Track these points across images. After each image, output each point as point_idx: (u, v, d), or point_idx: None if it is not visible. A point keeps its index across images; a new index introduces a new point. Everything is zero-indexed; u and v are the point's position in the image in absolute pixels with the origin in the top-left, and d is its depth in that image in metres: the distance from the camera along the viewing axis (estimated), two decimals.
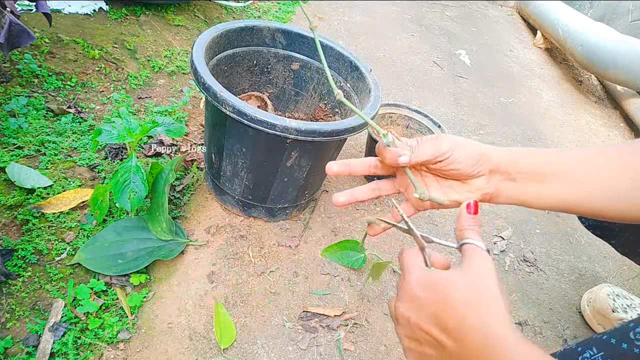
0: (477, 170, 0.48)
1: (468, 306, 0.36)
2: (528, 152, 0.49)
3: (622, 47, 1.85)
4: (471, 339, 0.35)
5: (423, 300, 0.38)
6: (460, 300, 0.37)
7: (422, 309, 0.38)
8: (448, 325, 0.37)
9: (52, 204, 0.86)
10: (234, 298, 0.85)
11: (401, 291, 0.41)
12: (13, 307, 0.72)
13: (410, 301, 0.39)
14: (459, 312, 0.36)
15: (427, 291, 0.39)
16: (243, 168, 0.88)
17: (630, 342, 0.52)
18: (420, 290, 0.39)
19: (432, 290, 0.38)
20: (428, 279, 0.39)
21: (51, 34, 1.22)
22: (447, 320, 0.37)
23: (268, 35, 1.01)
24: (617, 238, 0.81)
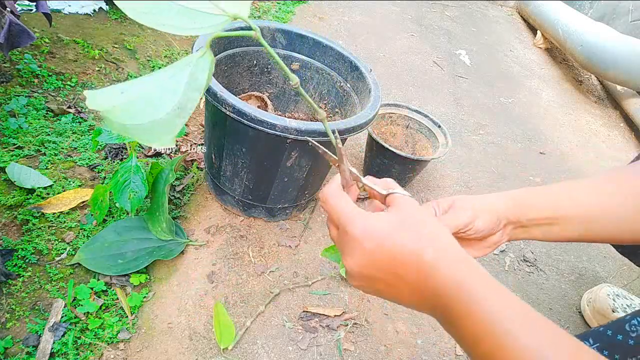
0: (494, 232, 0.50)
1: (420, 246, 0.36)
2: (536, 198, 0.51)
3: (622, 47, 1.85)
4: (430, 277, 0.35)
5: (372, 252, 0.37)
6: (411, 241, 0.36)
7: (373, 261, 0.37)
8: (404, 269, 0.36)
9: (52, 204, 0.86)
10: (234, 298, 0.85)
11: (346, 246, 0.39)
12: (13, 307, 0.72)
13: (359, 255, 0.38)
14: (412, 253, 0.36)
15: (374, 242, 0.37)
16: (243, 168, 0.88)
17: (625, 333, 0.53)
18: (367, 242, 0.37)
19: (379, 239, 0.37)
20: (372, 228, 0.37)
21: (51, 34, 1.22)
22: (402, 263, 0.36)
23: (268, 35, 1.01)
24: None
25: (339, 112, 1.06)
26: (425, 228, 0.37)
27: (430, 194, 1.26)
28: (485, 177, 1.41)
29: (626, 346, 0.52)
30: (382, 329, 0.88)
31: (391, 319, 0.90)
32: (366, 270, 0.38)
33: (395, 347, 0.86)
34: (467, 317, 0.33)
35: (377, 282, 0.38)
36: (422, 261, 0.35)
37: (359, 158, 1.30)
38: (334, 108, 1.08)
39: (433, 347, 0.88)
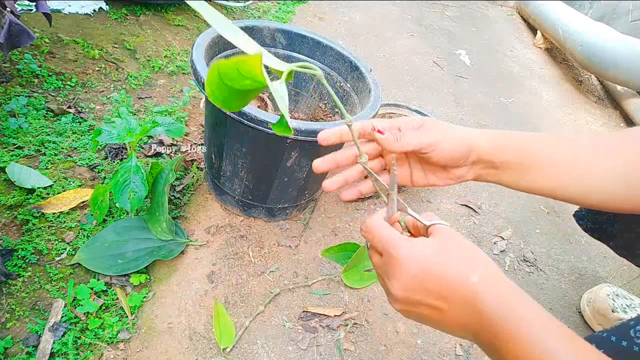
0: (460, 162, 0.48)
1: (466, 270, 0.36)
2: (514, 140, 0.49)
3: (622, 47, 1.85)
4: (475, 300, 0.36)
5: (418, 275, 0.37)
6: (457, 265, 0.37)
7: (419, 284, 0.38)
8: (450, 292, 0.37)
9: (52, 204, 0.86)
10: (234, 298, 0.85)
11: (391, 269, 0.39)
12: (13, 307, 0.72)
13: (404, 278, 0.38)
14: (459, 277, 0.36)
15: (420, 265, 0.38)
16: (243, 168, 0.88)
17: (630, 339, 0.52)
18: (412, 265, 0.38)
19: (424, 262, 0.38)
20: (417, 251, 0.38)
21: (51, 34, 1.22)
22: (448, 286, 0.37)
23: (268, 35, 1.01)
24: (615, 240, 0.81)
25: (339, 112, 1.07)
26: (468, 253, 0.38)
27: (430, 193, 1.26)
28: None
29: (631, 352, 0.52)
30: (382, 329, 0.88)
31: (391, 319, 0.90)
32: (411, 293, 0.38)
33: (395, 347, 0.86)
34: (513, 340, 0.34)
35: (421, 305, 0.38)
36: (468, 284, 0.36)
37: None
38: (334, 108, 1.08)
39: (433, 347, 0.88)
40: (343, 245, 0.95)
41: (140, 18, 1.47)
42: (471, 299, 0.36)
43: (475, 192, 1.33)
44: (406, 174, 0.52)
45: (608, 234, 0.82)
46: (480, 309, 0.36)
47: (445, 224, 0.42)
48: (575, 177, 0.48)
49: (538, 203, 1.37)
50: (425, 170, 0.51)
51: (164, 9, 1.55)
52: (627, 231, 0.78)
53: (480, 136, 0.48)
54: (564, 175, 0.48)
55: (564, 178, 0.48)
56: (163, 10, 1.55)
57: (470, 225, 1.20)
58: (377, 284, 0.96)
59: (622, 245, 0.81)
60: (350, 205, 1.13)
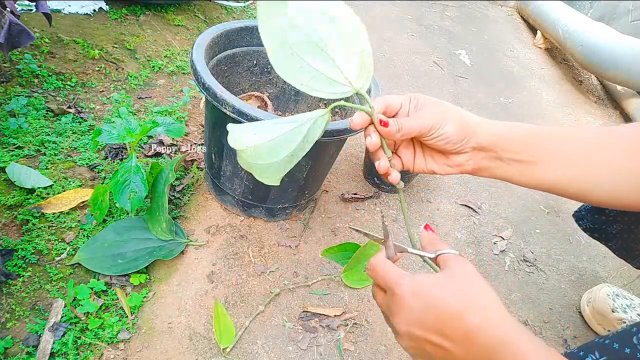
0: (461, 147, 0.48)
1: (466, 308, 0.36)
2: (520, 132, 0.48)
3: (622, 47, 1.85)
4: (476, 340, 0.35)
5: (419, 311, 0.38)
6: (456, 302, 0.37)
7: (420, 320, 0.38)
8: (450, 330, 0.37)
9: (52, 204, 0.86)
10: (234, 298, 0.85)
11: (394, 305, 0.40)
12: (13, 307, 0.72)
13: (407, 314, 0.39)
14: (458, 315, 0.36)
15: (421, 300, 0.38)
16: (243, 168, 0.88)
17: (633, 346, 0.52)
18: (414, 301, 0.38)
19: (426, 298, 0.38)
20: (419, 287, 0.39)
21: (51, 34, 1.22)
22: (449, 326, 0.37)
23: None
24: (614, 240, 0.81)
25: (339, 112, 1.06)
26: (472, 289, 0.37)
27: (430, 193, 1.26)
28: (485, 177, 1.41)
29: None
30: (382, 329, 0.88)
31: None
32: (413, 329, 0.38)
33: (395, 347, 0.86)
34: None
35: (424, 342, 0.38)
36: (467, 321, 0.36)
37: (359, 158, 1.30)
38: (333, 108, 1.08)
39: None
40: (343, 245, 0.95)
41: (140, 18, 1.47)
42: (473, 337, 0.36)
43: (475, 192, 1.33)
44: (410, 157, 0.52)
45: (607, 234, 0.82)
46: (479, 349, 0.35)
47: (452, 251, 0.41)
48: (577, 172, 0.47)
49: (538, 203, 1.37)
50: (425, 154, 0.51)
51: (164, 9, 1.55)
52: (627, 232, 0.78)
53: (482, 123, 0.48)
54: (566, 170, 0.48)
55: (565, 173, 0.48)
56: (163, 10, 1.55)
57: (470, 225, 1.20)
58: None
59: (621, 246, 0.81)
60: (350, 206, 1.13)
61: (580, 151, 0.47)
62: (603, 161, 0.47)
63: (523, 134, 0.48)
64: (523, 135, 0.48)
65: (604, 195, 0.48)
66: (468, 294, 0.37)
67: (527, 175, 0.49)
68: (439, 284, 0.38)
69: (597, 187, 0.48)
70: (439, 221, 1.18)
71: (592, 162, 0.47)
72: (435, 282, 0.38)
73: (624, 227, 0.78)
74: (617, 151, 0.47)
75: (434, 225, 1.16)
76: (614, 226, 0.80)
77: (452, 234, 1.16)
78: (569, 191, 0.49)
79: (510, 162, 0.49)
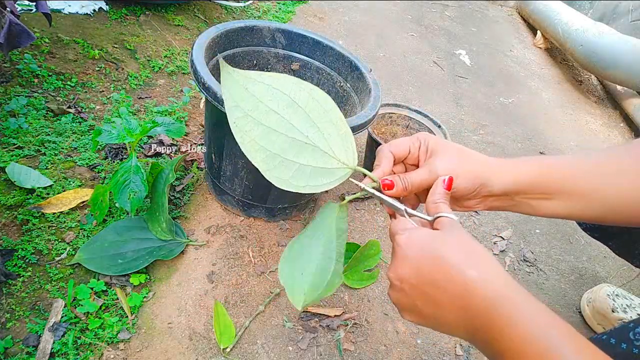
0: (471, 197, 0.47)
1: (465, 261, 0.36)
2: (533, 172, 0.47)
3: (622, 47, 1.85)
4: (474, 294, 0.35)
5: (415, 259, 0.37)
6: (455, 256, 0.36)
7: (417, 269, 0.37)
8: (446, 282, 0.36)
9: (52, 204, 0.86)
10: (234, 298, 0.85)
11: (393, 255, 0.40)
12: (13, 307, 0.72)
13: (404, 262, 0.38)
14: (457, 268, 0.35)
15: (421, 251, 0.38)
16: (243, 168, 0.88)
17: (629, 342, 0.52)
18: (413, 250, 0.38)
19: (423, 248, 0.37)
20: (417, 238, 0.38)
21: (51, 34, 1.22)
22: (445, 276, 0.36)
23: (268, 35, 1.01)
24: (615, 240, 0.81)
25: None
26: (469, 246, 0.37)
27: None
28: None
29: (631, 355, 0.51)
30: (382, 329, 0.88)
31: (391, 319, 0.90)
32: (407, 278, 0.38)
33: (395, 347, 0.86)
34: (514, 336, 0.33)
35: (417, 294, 0.38)
36: (466, 277, 0.35)
37: (359, 158, 1.30)
38: None
39: (433, 347, 0.88)
40: None
41: (140, 18, 1.47)
42: (468, 293, 0.35)
43: None
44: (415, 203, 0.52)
45: (607, 233, 0.82)
46: (477, 304, 0.34)
47: (451, 215, 0.41)
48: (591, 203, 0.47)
49: None
50: None
51: (164, 9, 1.55)
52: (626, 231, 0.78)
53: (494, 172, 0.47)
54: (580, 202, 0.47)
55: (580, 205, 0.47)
56: (163, 10, 1.55)
57: (470, 225, 1.20)
58: (377, 284, 0.96)
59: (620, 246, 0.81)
60: (350, 206, 1.13)
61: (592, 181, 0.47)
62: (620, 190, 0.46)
63: (536, 175, 0.47)
64: (536, 176, 0.47)
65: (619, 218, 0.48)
66: (467, 250, 0.37)
67: (541, 210, 0.49)
68: (440, 238, 0.38)
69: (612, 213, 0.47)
70: None
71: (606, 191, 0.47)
72: (436, 236, 0.38)
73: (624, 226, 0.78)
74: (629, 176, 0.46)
75: None
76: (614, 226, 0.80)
77: None
78: (585, 219, 0.49)
79: (523, 201, 0.49)
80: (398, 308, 0.41)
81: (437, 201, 0.43)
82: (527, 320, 0.33)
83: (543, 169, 0.48)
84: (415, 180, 0.46)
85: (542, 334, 0.32)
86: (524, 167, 0.48)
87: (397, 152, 0.48)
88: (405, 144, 0.48)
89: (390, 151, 0.48)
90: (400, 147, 0.48)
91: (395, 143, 0.48)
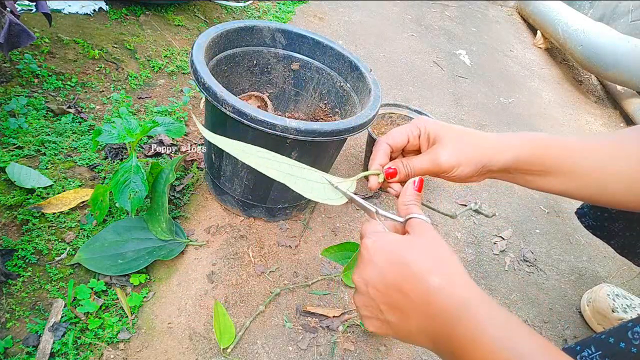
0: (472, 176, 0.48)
1: (429, 268, 0.35)
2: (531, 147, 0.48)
3: (622, 47, 1.85)
4: (436, 302, 0.34)
5: (381, 264, 0.37)
6: (420, 262, 0.36)
7: (382, 275, 0.37)
8: (411, 289, 0.35)
9: (52, 204, 0.86)
10: (234, 298, 0.85)
11: (359, 258, 0.40)
12: (13, 307, 0.72)
13: (369, 267, 0.38)
14: (421, 274, 0.35)
15: (385, 255, 0.37)
16: (243, 168, 0.88)
17: (628, 341, 0.52)
18: (377, 255, 0.37)
19: (390, 253, 0.37)
20: (384, 243, 0.38)
21: (51, 34, 1.22)
22: (409, 283, 0.35)
23: (268, 35, 1.01)
24: (617, 238, 0.81)
25: (339, 112, 1.06)
26: (435, 252, 0.36)
27: (431, 194, 1.26)
28: None
29: (629, 354, 0.52)
30: None
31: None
32: (372, 283, 0.37)
33: (395, 347, 0.86)
34: (477, 345, 0.32)
35: (381, 300, 0.37)
36: (429, 283, 0.35)
37: (359, 158, 1.30)
38: (333, 108, 1.08)
39: None
40: (343, 245, 0.95)
41: (140, 18, 1.47)
42: (431, 301, 0.34)
43: (475, 192, 1.33)
44: None
45: (609, 232, 0.82)
46: (440, 313, 0.34)
47: (422, 217, 0.40)
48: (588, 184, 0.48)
49: (538, 203, 1.37)
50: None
51: (164, 9, 1.55)
52: (629, 230, 0.78)
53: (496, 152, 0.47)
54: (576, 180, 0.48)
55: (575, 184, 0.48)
56: (163, 10, 1.55)
57: (470, 225, 1.20)
58: None
59: (622, 244, 0.81)
60: (350, 206, 1.13)
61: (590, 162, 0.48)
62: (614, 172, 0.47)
63: (535, 153, 0.48)
64: (535, 154, 0.48)
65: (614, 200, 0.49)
66: (433, 257, 0.36)
67: (536, 184, 0.50)
68: (406, 243, 0.37)
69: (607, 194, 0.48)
70: (438, 221, 1.18)
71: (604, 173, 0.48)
72: (402, 241, 0.38)
73: (626, 224, 0.78)
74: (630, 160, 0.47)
75: (433, 225, 1.16)
76: (616, 224, 0.80)
77: (452, 234, 1.16)
78: (577, 197, 0.50)
79: (520, 175, 0.50)
80: (362, 316, 0.40)
81: (407, 203, 0.43)
82: (490, 330, 0.32)
83: (543, 147, 0.49)
84: (417, 167, 0.47)
85: (506, 344, 0.31)
86: (524, 145, 0.48)
87: (395, 143, 0.48)
88: (404, 133, 0.49)
89: (387, 143, 0.48)
90: (397, 137, 0.48)
91: (393, 134, 0.48)
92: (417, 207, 0.42)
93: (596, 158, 0.48)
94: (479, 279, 1.06)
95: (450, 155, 0.46)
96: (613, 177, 0.47)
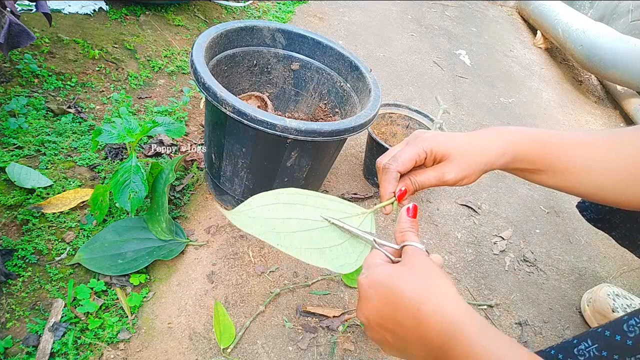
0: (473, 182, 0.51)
1: (418, 298, 0.36)
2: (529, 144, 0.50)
3: (622, 47, 1.85)
4: (429, 329, 0.36)
5: (375, 300, 0.39)
6: (410, 292, 0.37)
7: (378, 310, 0.39)
8: (404, 319, 0.37)
9: (52, 204, 0.86)
10: (234, 298, 0.85)
11: (358, 296, 0.42)
12: (13, 307, 0.72)
13: (365, 303, 0.40)
14: (411, 305, 0.36)
15: (378, 289, 0.39)
16: (243, 168, 0.88)
17: (623, 334, 0.52)
18: (371, 290, 0.39)
19: (382, 286, 0.38)
20: (375, 277, 0.39)
21: (51, 34, 1.22)
22: (402, 314, 0.37)
23: (268, 35, 1.01)
24: (618, 230, 0.82)
25: (339, 112, 1.06)
26: (426, 279, 0.38)
27: (430, 193, 1.26)
28: (485, 177, 1.41)
29: (625, 346, 0.52)
30: None
31: None
32: (372, 318, 0.39)
33: None
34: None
35: (385, 332, 0.39)
36: (420, 311, 0.36)
37: (359, 158, 1.30)
38: (334, 108, 1.08)
39: None
40: None
41: (140, 18, 1.47)
42: (424, 328, 0.36)
43: (475, 192, 1.33)
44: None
45: (611, 224, 0.83)
46: (433, 338, 0.35)
47: (416, 244, 0.42)
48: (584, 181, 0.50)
49: (538, 203, 1.37)
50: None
51: (164, 9, 1.55)
52: (630, 221, 0.79)
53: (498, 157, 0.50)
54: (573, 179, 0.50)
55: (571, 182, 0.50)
56: (163, 10, 1.55)
57: (470, 225, 1.20)
58: None
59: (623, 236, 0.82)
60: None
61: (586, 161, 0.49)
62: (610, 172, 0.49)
63: (533, 152, 0.50)
64: (533, 153, 0.50)
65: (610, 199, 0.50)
66: (423, 284, 0.37)
67: (533, 179, 0.52)
68: (397, 273, 0.38)
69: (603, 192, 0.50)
70: (438, 221, 1.18)
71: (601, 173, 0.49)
72: (393, 272, 0.39)
73: (628, 215, 0.79)
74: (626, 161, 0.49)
75: (433, 225, 1.16)
76: (617, 215, 0.80)
77: (452, 234, 1.15)
78: (574, 193, 0.52)
79: (517, 171, 0.53)
80: (377, 344, 0.43)
81: (403, 230, 0.44)
82: (483, 351, 0.34)
83: (540, 145, 0.51)
84: (424, 183, 0.49)
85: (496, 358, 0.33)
86: (521, 145, 0.51)
87: (405, 169, 0.50)
88: (411, 159, 0.50)
89: (397, 171, 0.50)
90: (407, 164, 0.50)
91: (402, 161, 0.49)
92: (413, 234, 0.44)
93: (593, 157, 0.49)
94: (479, 279, 1.06)
95: (457, 172, 0.49)
96: (609, 177, 0.49)
